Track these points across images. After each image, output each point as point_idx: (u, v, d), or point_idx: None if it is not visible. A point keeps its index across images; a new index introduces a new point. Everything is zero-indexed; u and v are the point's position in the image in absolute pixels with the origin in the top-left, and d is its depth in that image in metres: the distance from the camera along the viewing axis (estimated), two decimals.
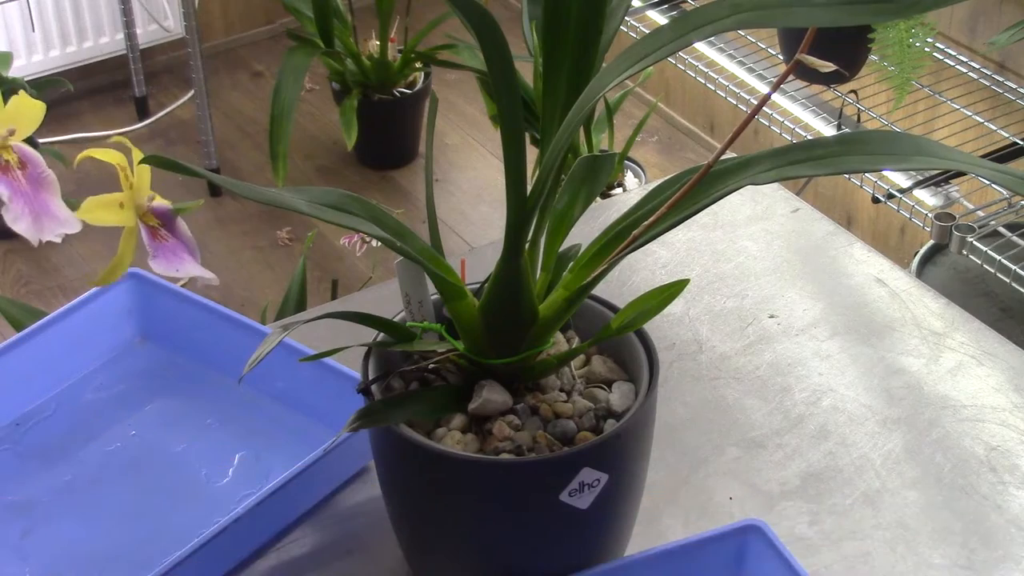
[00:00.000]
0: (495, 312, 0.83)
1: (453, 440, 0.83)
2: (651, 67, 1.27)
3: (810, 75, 2.08)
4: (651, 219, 0.77)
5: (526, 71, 2.30)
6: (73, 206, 0.86)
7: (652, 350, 0.87)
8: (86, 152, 0.88)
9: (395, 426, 0.82)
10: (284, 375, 1.05)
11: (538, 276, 0.86)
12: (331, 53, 2.74)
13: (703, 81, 2.29)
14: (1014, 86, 2.12)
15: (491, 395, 0.84)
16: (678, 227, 0.78)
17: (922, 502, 1.00)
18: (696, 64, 2.30)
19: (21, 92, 0.89)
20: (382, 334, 0.86)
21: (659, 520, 0.98)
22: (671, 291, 0.83)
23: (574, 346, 0.90)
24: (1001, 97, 2.13)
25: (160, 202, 0.90)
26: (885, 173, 2.01)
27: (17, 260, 2.72)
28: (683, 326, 1.16)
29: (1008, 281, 1.78)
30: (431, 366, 0.87)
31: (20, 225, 0.84)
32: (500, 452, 0.82)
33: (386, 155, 2.99)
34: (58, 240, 0.85)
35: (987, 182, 1.81)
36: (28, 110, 0.88)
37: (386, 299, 1.07)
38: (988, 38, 2.13)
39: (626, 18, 2.19)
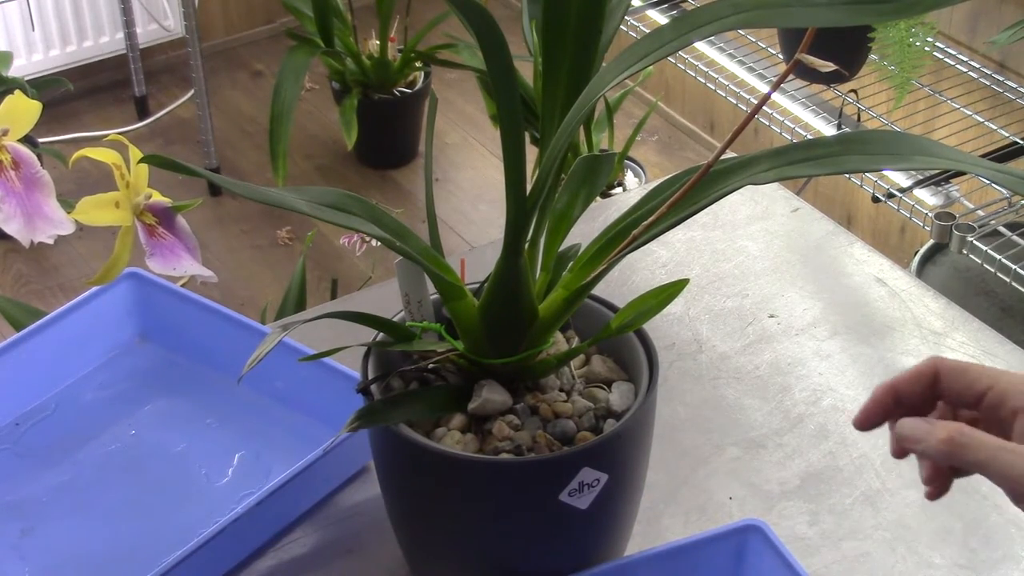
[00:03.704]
0: (495, 312, 0.83)
1: (453, 440, 0.83)
2: (651, 67, 1.27)
3: (810, 75, 2.08)
4: (651, 219, 0.77)
5: (526, 71, 2.30)
6: (70, 206, 0.86)
7: (652, 350, 0.87)
8: (82, 151, 0.87)
9: (395, 426, 0.82)
10: (284, 375, 1.05)
11: (538, 276, 0.86)
12: (331, 53, 2.74)
13: (703, 81, 2.29)
14: (1014, 86, 2.12)
15: (491, 395, 0.84)
16: (678, 227, 0.78)
17: (922, 502, 1.00)
18: (696, 64, 2.30)
19: (17, 92, 0.88)
20: (382, 334, 0.86)
21: (659, 520, 0.98)
22: (671, 291, 0.83)
23: (574, 346, 0.90)
24: (1001, 97, 2.13)
25: (158, 199, 0.89)
26: (885, 173, 2.01)
27: (17, 260, 2.72)
28: (683, 326, 1.16)
29: (1008, 281, 1.78)
30: (431, 366, 0.87)
31: (12, 226, 0.83)
32: (500, 452, 0.82)
33: (386, 155, 2.98)
34: (50, 241, 0.85)
35: (987, 182, 1.81)
36: (23, 110, 0.87)
37: (386, 299, 1.07)
38: (988, 38, 2.13)
39: (626, 18, 2.19)
